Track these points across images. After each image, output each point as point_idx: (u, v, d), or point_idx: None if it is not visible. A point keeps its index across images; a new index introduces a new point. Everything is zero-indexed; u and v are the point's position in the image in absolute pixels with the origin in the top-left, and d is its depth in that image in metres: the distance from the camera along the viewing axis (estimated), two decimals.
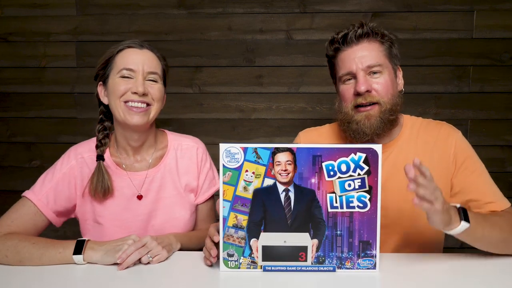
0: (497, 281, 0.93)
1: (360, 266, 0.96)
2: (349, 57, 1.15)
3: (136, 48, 1.17)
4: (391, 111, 1.14)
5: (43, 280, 0.94)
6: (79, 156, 1.20)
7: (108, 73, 1.17)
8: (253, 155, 0.93)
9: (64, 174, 1.18)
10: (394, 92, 1.16)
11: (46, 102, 2.00)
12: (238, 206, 0.95)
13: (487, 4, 1.86)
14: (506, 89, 1.88)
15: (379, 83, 1.13)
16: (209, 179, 1.30)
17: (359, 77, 1.13)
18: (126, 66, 1.14)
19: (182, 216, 1.23)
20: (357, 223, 0.94)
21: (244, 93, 1.96)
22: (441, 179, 1.17)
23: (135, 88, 1.13)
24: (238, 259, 0.96)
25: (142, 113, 1.15)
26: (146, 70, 1.15)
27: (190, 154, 1.27)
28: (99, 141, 1.20)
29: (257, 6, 1.92)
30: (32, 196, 1.15)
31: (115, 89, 1.14)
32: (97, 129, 1.22)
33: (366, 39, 1.14)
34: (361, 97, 1.13)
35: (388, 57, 1.17)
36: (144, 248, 1.02)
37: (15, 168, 2.01)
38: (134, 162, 1.23)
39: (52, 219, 1.16)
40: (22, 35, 1.98)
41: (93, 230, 1.19)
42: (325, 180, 0.93)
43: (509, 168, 1.91)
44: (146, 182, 1.21)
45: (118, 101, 1.14)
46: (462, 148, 1.19)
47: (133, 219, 1.20)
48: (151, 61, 1.17)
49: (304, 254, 0.95)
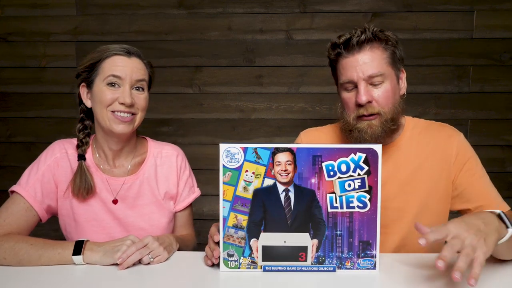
0: (497, 281, 0.92)
1: (360, 266, 0.96)
2: (350, 64, 1.12)
3: (124, 56, 1.15)
4: (392, 120, 1.13)
5: (43, 281, 0.94)
6: (63, 150, 1.19)
7: (93, 77, 1.15)
8: (253, 155, 0.93)
9: (49, 166, 1.17)
10: (395, 100, 1.14)
11: (46, 102, 2.00)
12: (238, 206, 0.94)
13: (487, 4, 1.86)
14: (506, 89, 1.88)
15: (380, 93, 1.11)
16: (188, 186, 1.30)
17: (360, 87, 1.11)
18: (113, 73, 1.13)
19: (160, 223, 1.23)
20: (357, 223, 0.94)
21: (244, 93, 1.96)
22: (441, 180, 1.18)
23: (122, 99, 1.12)
24: (238, 259, 0.96)
25: (127, 122, 1.15)
26: (134, 78, 1.14)
27: (170, 162, 1.27)
28: (80, 141, 1.19)
29: (257, 6, 1.92)
30: (20, 189, 1.14)
31: (101, 97, 1.13)
32: (78, 129, 1.21)
33: (368, 46, 1.11)
34: (362, 108, 1.12)
35: (391, 64, 1.13)
36: (145, 249, 1.02)
37: (15, 168, 2.02)
38: (112, 167, 1.22)
39: (40, 212, 1.15)
40: (22, 35, 1.98)
41: (71, 227, 1.20)
42: (325, 180, 0.93)
43: (509, 168, 1.91)
44: (123, 188, 1.20)
45: (105, 110, 1.14)
46: (464, 150, 1.18)
47: (110, 221, 1.20)
48: (138, 69, 1.16)
49: (304, 254, 0.95)
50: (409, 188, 1.18)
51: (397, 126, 1.17)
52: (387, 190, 1.16)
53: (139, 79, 1.16)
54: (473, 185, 1.16)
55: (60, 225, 1.23)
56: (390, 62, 1.13)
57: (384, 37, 1.13)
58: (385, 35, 1.14)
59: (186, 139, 1.99)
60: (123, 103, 1.12)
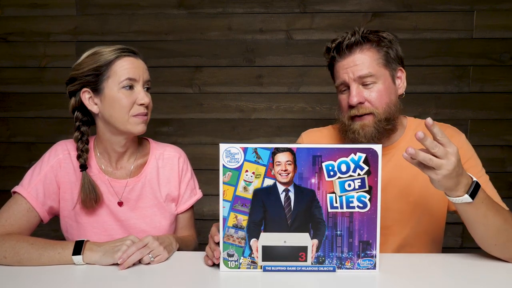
0: (497, 281, 0.93)
1: (360, 266, 0.96)
2: (342, 67, 1.14)
3: (132, 56, 1.14)
4: (386, 120, 1.13)
5: (43, 281, 0.94)
6: (66, 151, 1.19)
7: (102, 81, 1.12)
8: (253, 155, 0.93)
9: (52, 167, 1.17)
10: (390, 100, 1.14)
11: (46, 102, 2.00)
12: (238, 206, 0.94)
13: (487, 4, 1.86)
14: (506, 89, 1.88)
15: (372, 94, 1.12)
16: (190, 188, 1.30)
17: (351, 88, 1.13)
18: (129, 76, 1.11)
19: (161, 225, 1.23)
20: (357, 223, 0.94)
21: (244, 93, 1.96)
22: None
23: (141, 99, 1.12)
24: (238, 259, 0.96)
25: (144, 122, 1.16)
26: (145, 78, 1.15)
27: (172, 164, 1.26)
28: (80, 151, 1.16)
29: (257, 6, 1.92)
30: (22, 190, 1.14)
31: (120, 102, 1.11)
32: (76, 138, 1.17)
33: (358, 48, 1.12)
34: (354, 109, 1.13)
35: (384, 64, 1.14)
36: (145, 248, 1.02)
37: (15, 168, 2.02)
38: (115, 169, 1.22)
39: (42, 213, 1.15)
40: (22, 35, 1.98)
41: (72, 228, 1.19)
42: (325, 180, 0.93)
43: (509, 168, 1.91)
44: (125, 190, 1.20)
45: (126, 115, 1.12)
46: (466, 150, 1.18)
47: (113, 223, 1.19)
48: (145, 68, 1.17)
49: (304, 254, 0.95)
50: (411, 189, 1.18)
51: (392, 126, 1.16)
52: (389, 193, 1.16)
53: (148, 79, 1.17)
54: None
55: (61, 226, 1.23)
56: (382, 63, 1.14)
57: (375, 38, 1.14)
58: (378, 36, 1.14)
59: (186, 139, 1.99)
60: (143, 103, 1.13)
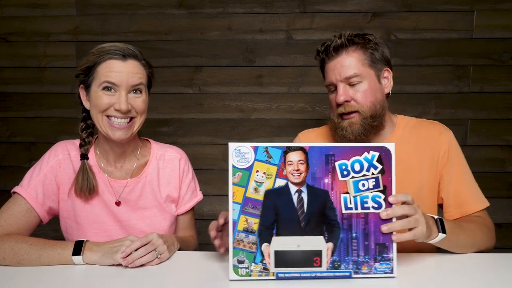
0: (497, 281, 0.92)
1: (377, 271, 0.91)
2: (330, 68, 1.22)
3: (119, 60, 1.10)
4: (372, 117, 1.19)
5: (43, 281, 0.94)
6: (66, 152, 1.19)
7: (90, 81, 1.12)
8: (264, 154, 0.89)
9: (51, 168, 1.17)
10: (375, 99, 1.20)
11: (46, 102, 2.00)
12: (248, 208, 0.89)
13: (487, 4, 1.86)
14: (506, 89, 1.88)
15: (358, 92, 1.19)
16: (190, 190, 1.29)
17: (338, 88, 1.20)
18: (108, 79, 1.09)
19: (161, 226, 1.23)
20: (373, 225, 0.90)
21: (244, 93, 1.96)
22: (431, 176, 1.23)
23: (118, 105, 1.09)
24: (249, 266, 0.90)
25: (125, 129, 1.13)
26: (130, 83, 1.10)
27: (173, 165, 1.26)
28: (82, 140, 1.18)
29: (257, 6, 1.92)
30: (21, 190, 1.14)
31: (97, 102, 1.11)
32: (80, 128, 1.20)
33: (344, 50, 1.19)
34: (341, 107, 1.21)
35: (369, 64, 1.20)
36: (150, 245, 1.02)
37: (15, 168, 2.01)
38: (115, 169, 1.21)
39: (41, 214, 1.15)
40: (22, 35, 1.98)
41: (72, 229, 1.19)
42: (338, 180, 0.90)
43: (509, 168, 1.91)
44: (125, 190, 1.20)
45: (100, 115, 1.12)
46: (453, 146, 1.24)
47: (112, 223, 1.19)
48: (134, 73, 1.11)
49: (318, 259, 0.90)
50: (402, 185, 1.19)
51: (378, 123, 1.21)
52: None
53: (135, 84, 1.12)
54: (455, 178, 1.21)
55: (61, 227, 1.22)
56: (368, 63, 1.20)
57: (361, 40, 1.20)
58: (363, 38, 1.21)
59: (186, 139, 1.99)
60: (118, 109, 1.10)
